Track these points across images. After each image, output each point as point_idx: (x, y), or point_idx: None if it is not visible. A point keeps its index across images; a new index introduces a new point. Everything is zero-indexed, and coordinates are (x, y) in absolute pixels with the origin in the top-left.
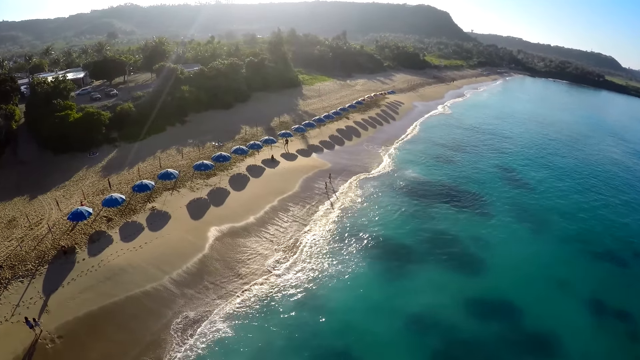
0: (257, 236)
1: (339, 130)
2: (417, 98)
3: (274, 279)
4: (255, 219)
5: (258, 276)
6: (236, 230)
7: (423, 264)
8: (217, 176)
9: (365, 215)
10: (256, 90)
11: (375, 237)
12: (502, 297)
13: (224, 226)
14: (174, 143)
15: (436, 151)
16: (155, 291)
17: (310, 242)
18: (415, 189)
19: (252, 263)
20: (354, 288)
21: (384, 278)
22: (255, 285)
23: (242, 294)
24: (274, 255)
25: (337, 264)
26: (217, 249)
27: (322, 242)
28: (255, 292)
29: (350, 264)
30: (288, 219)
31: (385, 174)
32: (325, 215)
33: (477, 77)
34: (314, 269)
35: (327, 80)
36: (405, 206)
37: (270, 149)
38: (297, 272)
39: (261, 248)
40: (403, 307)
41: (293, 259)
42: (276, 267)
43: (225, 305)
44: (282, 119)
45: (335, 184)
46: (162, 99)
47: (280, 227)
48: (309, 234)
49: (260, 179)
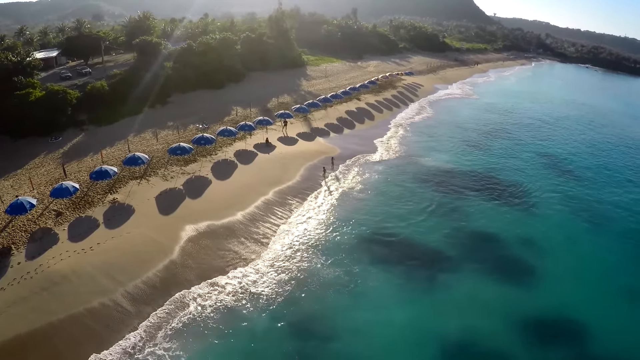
0: (243, 237)
1: (349, 112)
2: (438, 80)
3: (264, 296)
4: (243, 215)
5: (241, 292)
6: (216, 229)
7: (457, 273)
8: (198, 162)
9: (382, 211)
10: (253, 70)
11: (394, 239)
12: (565, 316)
13: (201, 224)
14: (151, 126)
15: (464, 136)
16: (103, 308)
17: (311, 246)
18: (441, 179)
19: (234, 273)
20: (369, 308)
21: (408, 294)
22: (238, 303)
23: (218, 314)
24: (264, 263)
25: (346, 275)
26: (190, 253)
27: (327, 246)
28: (238, 314)
29: (364, 275)
30: (285, 216)
31: (405, 162)
32: (332, 210)
33: (504, 61)
34: (316, 282)
35: (335, 61)
36: (431, 199)
37: (265, 132)
38: (294, 286)
39: (247, 252)
40: (435, 333)
41: (288, 268)
42: (265, 280)
43: (195, 330)
44: (282, 100)
45: (344, 172)
46: (141, 77)
47: (275, 225)
48: (311, 236)
49: (251, 167)
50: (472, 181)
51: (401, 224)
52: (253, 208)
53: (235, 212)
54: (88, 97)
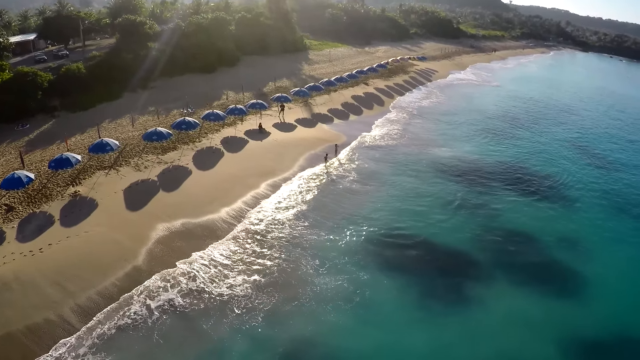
0: (227, 239)
1: (356, 98)
2: (454, 67)
3: (244, 314)
4: (228, 212)
5: (218, 308)
6: (193, 229)
7: (490, 285)
8: (177, 150)
9: (394, 207)
10: (249, 53)
11: (410, 240)
12: (628, 335)
13: (175, 222)
14: (131, 112)
15: (486, 124)
16: (46, 325)
17: (308, 247)
18: (463, 170)
19: (214, 288)
20: (378, 330)
21: (429, 312)
22: (212, 322)
23: (188, 336)
24: (251, 276)
25: (349, 285)
26: (159, 258)
27: (327, 248)
28: (212, 337)
29: (371, 286)
30: (279, 215)
31: (420, 151)
32: (334, 205)
33: (523, 49)
34: (310, 294)
35: (340, 46)
36: (452, 194)
37: (259, 118)
38: (282, 300)
39: (230, 261)
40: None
41: (277, 276)
42: (248, 293)
43: (155, 356)
44: (280, 84)
45: (349, 162)
46: (123, 60)
47: (267, 226)
48: (309, 236)
49: (240, 155)
50: (499, 173)
51: (417, 223)
52: (240, 203)
53: (218, 208)
54: (62, 80)
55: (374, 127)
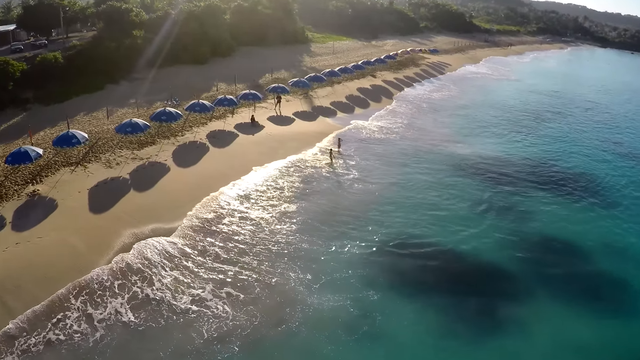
0: (201, 244)
1: (362, 90)
2: (468, 60)
3: (223, 345)
4: (205, 214)
5: (184, 336)
6: (165, 235)
7: (530, 302)
8: (156, 145)
9: (409, 211)
10: (245, 44)
11: (429, 250)
12: None
13: (144, 227)
14: (110, 104)
15: (508, 119)
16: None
17: (303, 258)
18: (486, 168)
19: (182, 300)
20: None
21: (458, 342)
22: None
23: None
24: (224, 288)
25: (354, 307)
26: (122, 270)
27: (327, 260)
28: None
29: (384, 309)
30: (265, 217)
31: (435, 147)
32: (336, 208)
33: (541, 44)
34: (303, 319)
35: (345, 39)
36: (476, 195)
37: (252, 110)
38: (272, 327)
39: (202, 269)
40: None
41: (264, 297)
42: (226, 316)
43: None
44: (277, 76)
45: (355, 158)
46: (105, 49)
47: (249, 231)
48: (304, 244)
49: (227, 151)
50: (527, 171)
51: (436, 229)
52: (221, 203)
53: (195, 209)
54: (37, 70)
55: (382, 121)
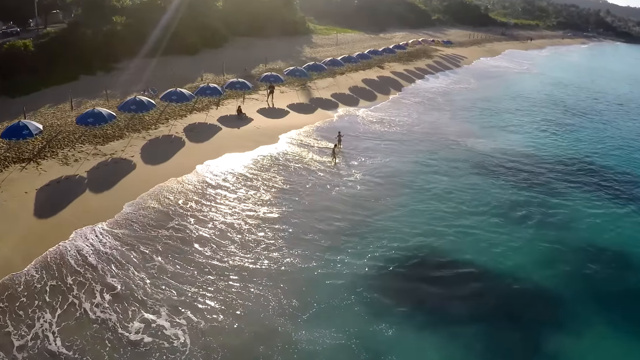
0: (173, 259)
1: (368, 82)
2: (485, 53)
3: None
4: (178, 222)
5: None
6: (110, 239)
7: (583, 330)
8: (124, 139)
9: (426, 220)
10: (240, 34)
11: (456, 270)
12: None
13: (97, 226)
14: (83, 96)
15: (533, 112)
16: None
17: (287, 285)
18: (515, 167)
19: (135, 325)
20: None
21: None
22: None
23: None
24: (184, 314)
25: (358, 344)
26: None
27: (321, 289)
28: None
29: (403, 351)
30: (243, 228)
31: (452, 143)
32: (338, 213)
33: (562, 39)
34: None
35: (350, 32)
36: (507, 199)
37: (240, 102)
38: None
39: (157, 291)
40: None
41: (236, 328)
42: (186, 351)
43: None
44: (272, 66)
45: (361, 155)
46: (81, 37)
47: (219, 245)
48: (288, 264)
49: (205, 146)
50: (562, 170)
51: (460, 241)
52: (189, 208)
53: None
54: (3, 59)
55: (390, 114)
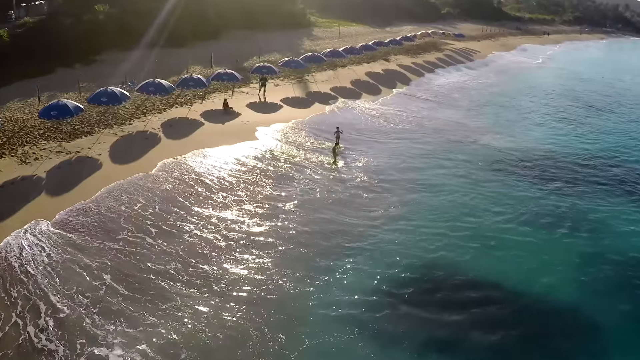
0: (140, 276)
1: (372, 75)
2: (500, 47)
3: None
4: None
5: None
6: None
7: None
8: (93, 135)
9: (440, 231)
10: (235, 27)
11: (478, 292)
12: None
13: (42, 230)
14: (56, 89)
15: (554, 109)
16: None
17: (273, 315)
18: (537, 166)
19: None
20: None
21: None
22: None
23: None
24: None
25: None
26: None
27: (316, 322)
28: None
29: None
30: (220, 244)
31: (466, 140)
32: (329, 230)
33: (580, 34)
34: None
35: (354, 25)
36: (533, 204)
37: (228, 96)
38: None
39: (105, 322)
40: None
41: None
42: None
43: None
44: (268, 58)
45: (364, 154)
46: (61, 27)
47: (189, 263)
48: (273, 288)
49: (184, 142)
50: (591, 170)
51: (483, 255)
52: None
53: None
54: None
55: (397, 109)
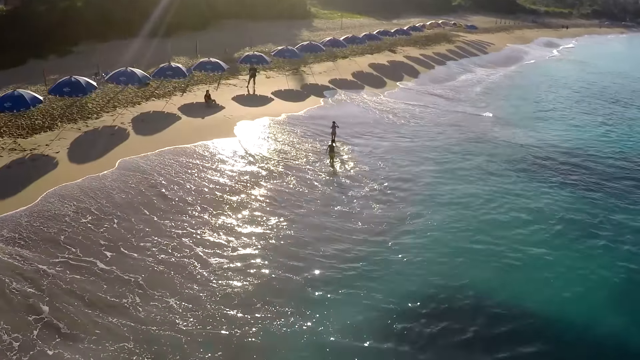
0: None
1: (376, 66)
2: (515, 40)
3: None
4: (72, 251)
5: None
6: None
7: None
8: (55, 131)
9: (459, 251)
10: (227, 17)
11: (508, 325)
12: None
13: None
14: (25, 81)
15: (579, 101)
16: None
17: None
18: (567, 164)
19: None
20: None
21: None
22: None
23: None
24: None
25: None
26: None
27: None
28: None
29: None
30: (213, 251)
31: (483, 136)
32: (323, 252)
33: (599, 28)
34: None
35: (358, 17)
36: (566, 211)
37: (213, 88)
38: None
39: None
40: None
41: None
42: None
43: None
44: (260, 48)
45: (362, 159)
46: (34, 16)
47: (161, 294)
48: (254, 329)
49: (155, 139)
50: (625, 170)
51: (513, 275)
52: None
53: None
54: None
55: (405, 102)
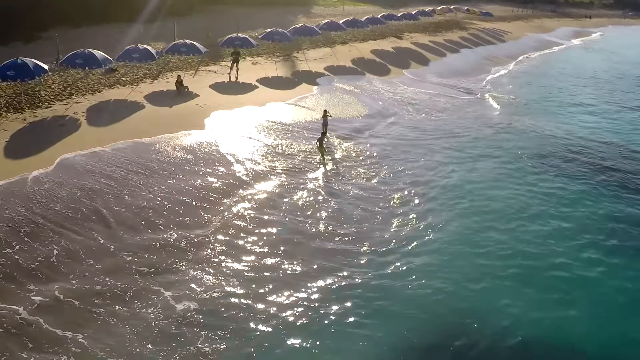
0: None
1: (379, 53)
2: (534, 29)
3: None
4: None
5: None
6: None
7: None
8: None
9: (472, 269)
10: (213, 3)
11: None
12: None
13: None
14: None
15: (608, 92)
16: None
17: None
18: (596, 156)
19: None
20: None
21: None
22: None
23: None
24: None
25: None
26: None
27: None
28: None
29: None
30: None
31: (506, 126)
32: (318, 270)
33: (623, 18)
34: None
35: (362, 5)
36: (594, 212)
37: (190, 75)
38: None
39: None
40: None
41: None
42: None
43: None
44: (248, 34)
45: (362, 155)
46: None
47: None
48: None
49: (110, 130)
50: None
51: (549, 304)
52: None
53: None
54: None
55: (412, 91)
